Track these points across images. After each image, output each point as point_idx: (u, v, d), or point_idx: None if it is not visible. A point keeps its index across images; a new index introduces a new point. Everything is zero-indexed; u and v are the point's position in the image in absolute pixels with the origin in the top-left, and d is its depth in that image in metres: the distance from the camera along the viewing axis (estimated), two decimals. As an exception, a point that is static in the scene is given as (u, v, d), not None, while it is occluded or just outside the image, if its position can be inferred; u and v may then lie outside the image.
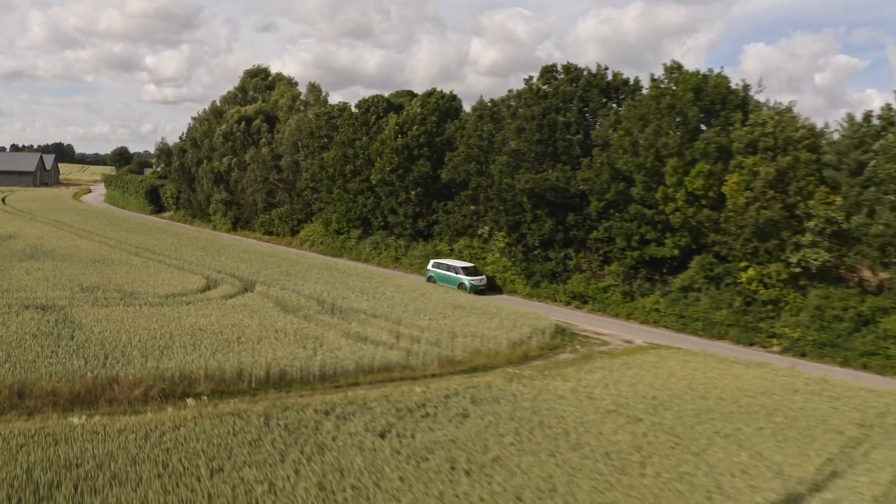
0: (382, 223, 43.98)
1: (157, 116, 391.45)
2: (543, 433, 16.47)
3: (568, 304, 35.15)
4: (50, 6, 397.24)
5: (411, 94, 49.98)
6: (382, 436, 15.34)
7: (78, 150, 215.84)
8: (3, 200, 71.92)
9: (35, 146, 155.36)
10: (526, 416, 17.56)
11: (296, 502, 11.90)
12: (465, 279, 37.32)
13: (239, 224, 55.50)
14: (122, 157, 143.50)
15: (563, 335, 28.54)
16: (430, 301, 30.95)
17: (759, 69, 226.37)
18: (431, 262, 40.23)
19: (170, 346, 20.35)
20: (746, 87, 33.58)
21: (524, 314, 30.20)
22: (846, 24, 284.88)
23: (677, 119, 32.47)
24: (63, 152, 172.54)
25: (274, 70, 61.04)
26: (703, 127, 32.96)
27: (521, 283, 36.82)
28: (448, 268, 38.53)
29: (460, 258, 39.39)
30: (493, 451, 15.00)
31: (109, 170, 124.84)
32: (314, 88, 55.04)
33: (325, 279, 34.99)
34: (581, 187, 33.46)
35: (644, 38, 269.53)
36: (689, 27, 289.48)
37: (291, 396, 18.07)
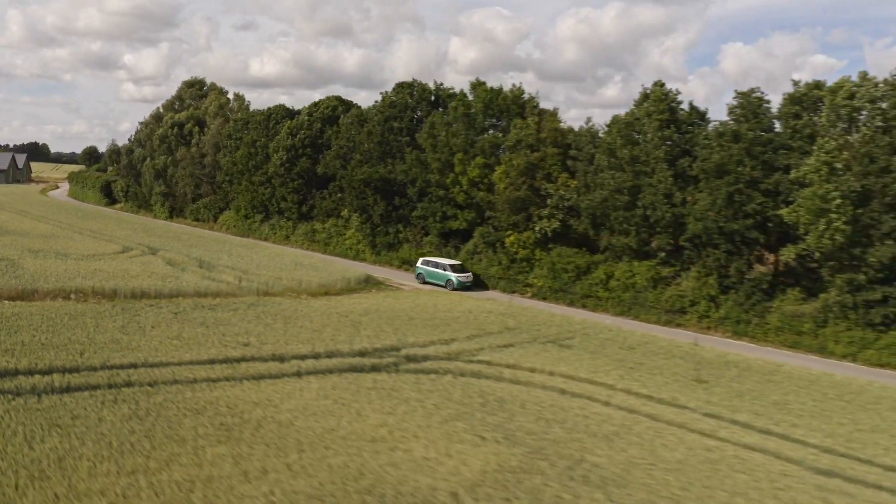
0: (277, 208, 58.16)
1: (135, 115, 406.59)
2: (273, 317, 30.39)
3: (400, 266, 49.06)
4: (28, 4, 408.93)
5: (340, 101, 62.59)
6: (175, 314, 29.35)
7: (56, 148, 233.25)
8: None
9: (10, 145, 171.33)
10: (273, 312, 31.53)
11: (106, 329, 25.86)
12: (453, 276, 42.98)
13: (174, 212, 69.89)
14: (91, 156, 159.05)
15: (368, 283, 42.46)
16: (281, 261, 45.01)
17: (738, 69, 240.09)
18: (420, 259, 45.20)
19: (75, 277, 34.39)
20: (531, 98, 47.44)
21: (346, 269, 44.20)
22: (823, 25, 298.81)
23: (472, 123, 46.37)
24: (38, 151, 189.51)
25: (253, 69, 75.79)
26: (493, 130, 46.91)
27: (369, 253, 50.78)
28: (436, 265, 44.02)
29: (327, 235, 53.38)
30: (231, 322, 28.93)
31: (81, 168, 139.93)
32: (238, 97, 69.32)
33: (216, 249, 49.07)
34: (400, 178, 47.48)
35: (623, 38, 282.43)
36: (667, 27, 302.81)
37: (139, 300, 32.09)
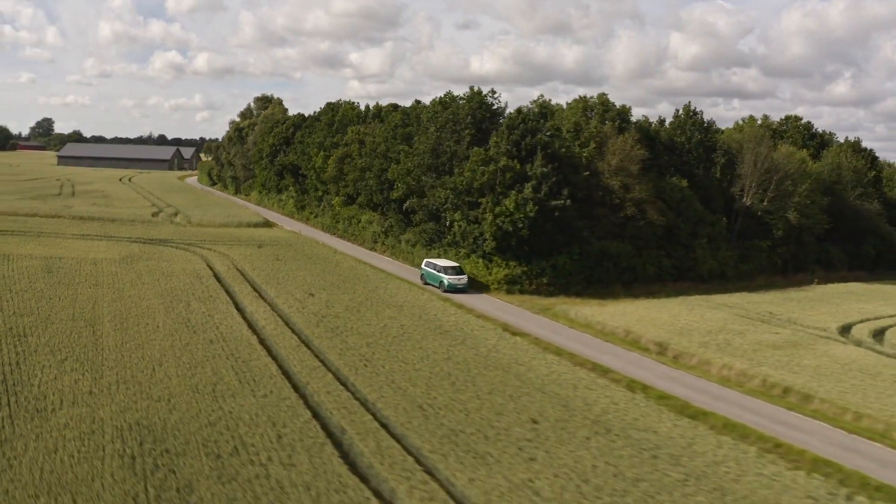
0: (269, 186, 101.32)
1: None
2: (144, 228, 73.07)
3: (307, 221, 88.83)
4: (259, 7, 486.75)
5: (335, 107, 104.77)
6: (100, 225, 73.53)
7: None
8: (130, 179, 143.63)
9: (219, 139, 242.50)
10: (150, 228, 74.29)
11: (58, 225, 70.65)
12: (445, 278, 51.75)
13: (237, 190, 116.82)
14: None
15: (260, 224, 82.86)
16: (226, 213, 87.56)
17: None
18: (425, 261, 56.09)
19: (88, 212, 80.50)
20: (366, 111, 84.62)
21: (256, 215, 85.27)
22: None
23: (330, 128, 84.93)
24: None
25: (474, 66, 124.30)
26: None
27: (297, 213, 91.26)
28: (435, 267, 53.33)
29: (283, 202, 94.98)
30: (118, 228, 72.26)
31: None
32: (282, 109, 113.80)
33: (207, 207, 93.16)
34: (297, 163, 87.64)
35: (851, 32, 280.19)
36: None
37: (97, 220, 76.88)
